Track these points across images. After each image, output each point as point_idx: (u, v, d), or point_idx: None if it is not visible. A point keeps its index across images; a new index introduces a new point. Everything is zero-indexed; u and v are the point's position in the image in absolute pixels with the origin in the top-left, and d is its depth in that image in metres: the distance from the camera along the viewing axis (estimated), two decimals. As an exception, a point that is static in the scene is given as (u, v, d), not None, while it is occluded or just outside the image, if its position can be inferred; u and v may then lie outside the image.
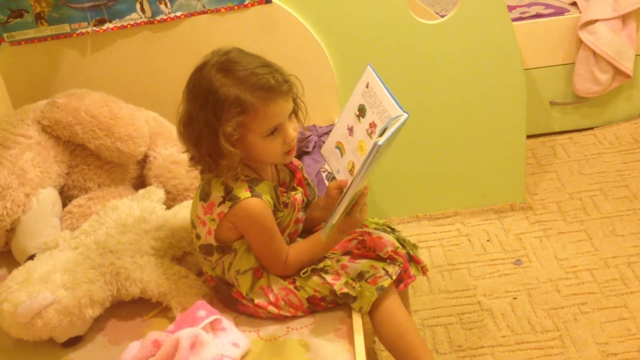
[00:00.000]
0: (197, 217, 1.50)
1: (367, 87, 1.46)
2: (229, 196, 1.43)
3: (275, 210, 1.47)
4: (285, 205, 1.50)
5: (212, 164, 1.42)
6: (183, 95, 1.43)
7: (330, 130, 2.18)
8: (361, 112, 1.46)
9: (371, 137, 1.41)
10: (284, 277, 1.51)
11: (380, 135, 1.34)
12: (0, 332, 1.49)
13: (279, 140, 1.43)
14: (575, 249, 2.34)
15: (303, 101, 1.48)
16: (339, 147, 1.53)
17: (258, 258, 1.50)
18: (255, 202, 1.42)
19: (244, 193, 1.42)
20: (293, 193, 1.53)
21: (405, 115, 1.34)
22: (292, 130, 1.44)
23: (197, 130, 1.40)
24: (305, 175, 1.62)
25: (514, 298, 2.16)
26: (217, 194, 1.44)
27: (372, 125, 1.42)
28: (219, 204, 1.44)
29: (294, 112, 1.46)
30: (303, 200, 1.57)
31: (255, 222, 1.44)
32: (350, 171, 1.47)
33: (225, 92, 1.36)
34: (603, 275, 2.20)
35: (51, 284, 1.46)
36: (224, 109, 1.35)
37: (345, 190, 1.40)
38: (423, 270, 1.63)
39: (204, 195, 1.47)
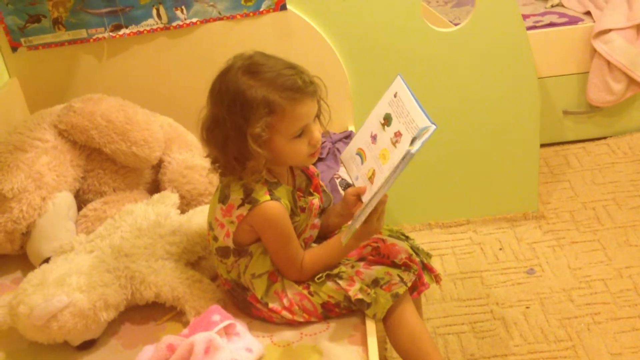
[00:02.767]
0: (215, 219, 1.50)
1: (395, 96, 1.47)
2: (249, 199, 1.43)
3: (292, 214, 1.48)
4: (303, 209, 1.51)
5: (238, 167, 1.41)
6: (207, 100, 1.43)
7: (344, 137, 2.20)
8: (387, 120, 1.47)
9: (395, 146, 1.41)
10: (299, 282, 1.51)
11: (411, 144, 1.35)
12: (16, 334, 1.50)
13: (304, 141, 1.43)
14: (589, 259, 2.33)
15: (326, 103, 1.49)
16: (360, 153, 1.53)
17: (274, 262, 1.51)
18: (274, 205, 1.43)
19: (263, 196, 1.42)
20: (310, 198, 1.53)
21: (434, 126, 1.35)
22: (317, 132, 1.45)
23: (224, 134, 1.39)
24: (320, 182, 1.62)
25: (527, 307, 2.15)
26: (236, 196, 1.44)
27: (398, 134, 1.42)
28: (238, 207, 1.44)
29: (317, 115, 1.47)
30: (320, 206, 1.58)
31: (273, 225, 1.44)
32: (370, 178, 1.46)
33: (253, 94, 1.36)
34: (616, 285, 2.19)
35: (67, 287, 1.46)
36: (252, 110, 1.36)
37: (370, 196, 1.40)
38: (437, 279, 1.63)
39: (223, 198, 1.47)
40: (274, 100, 1.36)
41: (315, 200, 1.54)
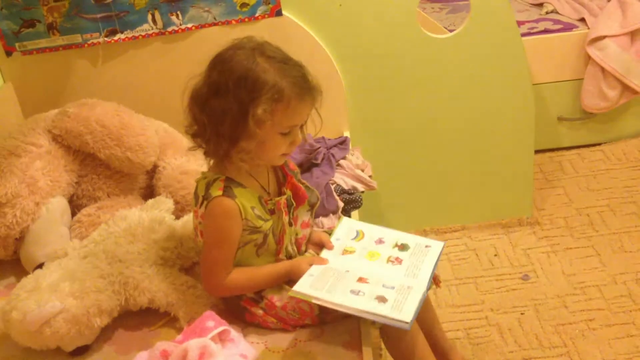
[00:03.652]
0: (194, 222, 1.51)
1: (426, 247, 1.57)
2: (206, 195, 1.42)
3: (259, 218, 1.45)
4: (272, 212, 1.49)
5: (224, 144, 1.39)
6: (209, 68, 1.40)
7: (339, 143, 2.20)
8: (403, 247, 1.57)
9: (387, 263, 1.52)
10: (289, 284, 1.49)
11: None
12: (9, 340, 1.49)
13: (287, 141, 1.42)
14: (583, 265, 2.33)
15: (319, 114, 1.48)
16: (359, 232, 1.61)
17: (201, 262, 1.49)
18: (223, 201, 1.40)
19: (216, 191, 1.41)
20: (277, 199, 1.50)
21: (423, 291, 1.43)
22: (300, 137, 1.45)
23: (224, 106, 1.36)
24: (302, 180, 1.59)
25: (522, 313, 2.15)
26: (200, 194, 1.45)
27: (398, 260, 1.53)
28: (200, 205, 1.44)
29: (305, 121, 1.46)
30: (291, 205, 1.53)
31: (213, 220, 1.42)
32: (344, 252, 1.55)
33: (266, 76, 1.35)
34: (611, 292, 2.20)
35: (60, 292, 1.46)
36: (262, 91, 1.34)
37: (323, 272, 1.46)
38: (436, 281, 1.63)
39: (194, 200, 1.48)
40: (284, 89, 1.36)
41: (283, 200, 1.50)
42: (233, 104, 1.36)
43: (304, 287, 1.41)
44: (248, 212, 1.43)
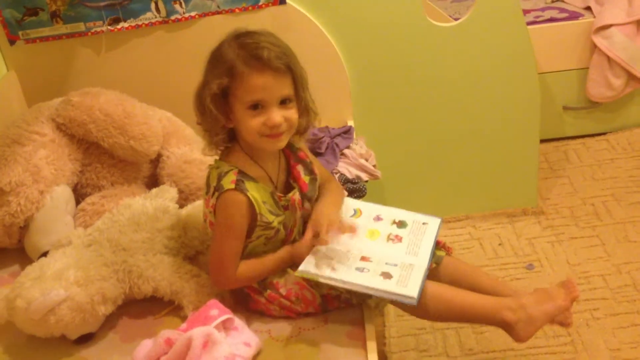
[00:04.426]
0: (204, 211, 1.51)
1: (423, 224, 1.60)
2: (218, 186, 1.42)
3: (271, 214, 1.45)
4: (286, 207, 1.49)
5: (216, 130, 1.44)
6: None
7: (343, 132, 2.19)
8: (401, 224, 1.58)
9: (387, 242, 1.54)
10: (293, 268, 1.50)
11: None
12: (13, 328, 1.49)
13: (259, 119, 1.39)
14: (588, 255, 2.33)
15: (312, 99, 1.47)
16: (357, 210, 1.63)
17: (210, 255, 1.49)
18: (234, 195, 1.40)
19: (229, 184, 1.41)
20: (291, 194, 1.50)
21: (425, 268, 1.46)
22: (279, 116, 1.39)
23: (203, 92, 1.41)
24: (314, 171, 1.58)
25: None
26: (212, 184, 1.45)
27: (398, 238, 1.54)
28: (212, 196, 1.44)
29: (290, 100, 1.42)
30: (302, 201, 1.53)
31: (223, 212, 1.42)
32: (347, 228, 1.52)
33: (224, 53, 1.38)
34: (615, 281, 2.19)
35: (64, 280, 1.46)
36: (217, 67, 1.38)
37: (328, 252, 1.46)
38: (446, 248, 1.63)
39: (206, 188, 1.48)
40: (237, 64, 1.36)
41: (296, 196, 1.51)
42: (206, 87, 1.40)
43: (309, 267, 1.42)
44: (261, 207, 1.43)
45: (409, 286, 1.39)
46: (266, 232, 1.46)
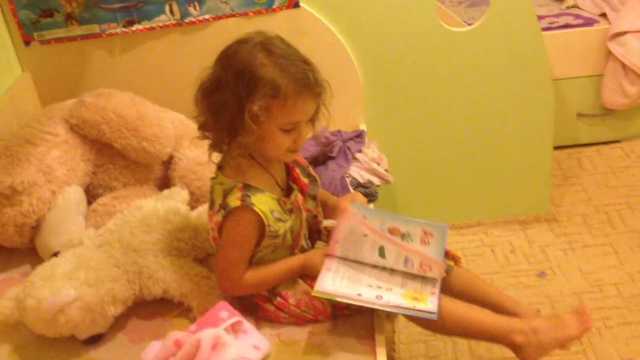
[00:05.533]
0: (208, 225, 1.51)
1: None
2: (224, 204, 1.41)
3: (279, 220, 1.44)
4: (291, 211, 1.49)
5: (226, 138, 1.41)
6: (215, 62, 1.41)
7: (355, 136, 2.19)
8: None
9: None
10: (306, 281, 1.50)
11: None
12: (23, 328, 1.49)
13: (291, 137, 1.41)
14: (601, 263, 2.31)
15: (327, 109, 1.46)
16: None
17: (217, 262, 1.49)
18: (242, 212, 1.40)
19: (235, 201, 1.40)
20: (293, 196, 1.50)
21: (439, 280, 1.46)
22: (306, 133, 1.44)
23: (223, 100, 1.37)
24: (312, 173, 1.59)
25: (537, 310, 2.13)
26: (217, 201, 1.44)
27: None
28: (217, 212, 1.43)
29: (313, 118, 1.45)
30: (304, 200, 1.54)
31: (232, 225, 1.42)
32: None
33: (263, 72, 1.34)
34: (628, 290, 2.17)
35: (75, 281, 1.46)
36: (258, 87, 1.34)
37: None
38: (455, 259, 1.62)
39: (210, 202, 1.48)
40: (281, 86, 1.34)
41: (299, 197, 1.51)
42: (231, 98, 1.36)
43: (326, 284, 1.41)
44: (269, 218, 1.42)
45: (428, 301, 1.39)
46: (274, 241, 1.46)
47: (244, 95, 1.35)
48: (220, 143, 1.44)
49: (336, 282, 1.42)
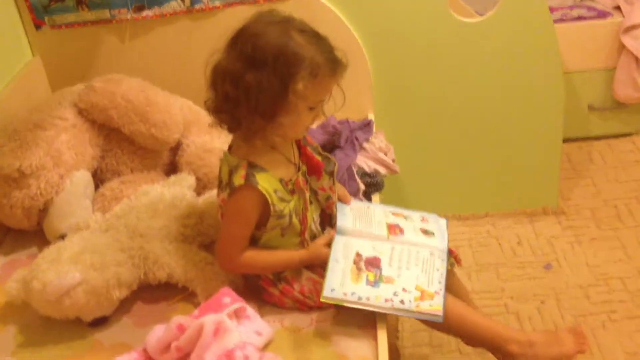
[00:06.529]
0: (217, 202, 1.52)
1: (427, 234, 1.63)
2: (229, 181, 1.42)
3: (282, 200, 1.44)
4: (293, 192, 1.48)
5: (260, 121, 1.37)
6: (234, 43, 1.38)
7: (363, 125, 2.18)
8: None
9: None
10: (311, 268, 1.50)
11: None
12: (29, 309, 1.51)
13: (312, 116, 1.42)
14: (607, 256, 2.30)
15: (342, 90, 1.46)
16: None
17: (218, 236, 1.50)
18: (246, 191, 1.40)
19: (239, 180, 1.40)
20: (295, 177, 1.49)
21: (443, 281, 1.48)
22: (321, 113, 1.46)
23: (262, 81, 1.33)
24: (322, 152, 1.58)
25: (542, 302, 2.13)
26: (223, 180, 1.45)
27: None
28: (223, 190, 1.45)
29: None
30: (306, 181, 1.54)
31: (234, 202, 1.42)
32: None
33: (303, 52, 1.34)
34: (635, 284, 2.16)
35: (80, 264, 1.47)
36: (301, 67, 1.33)
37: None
38: (457, 259, 1.62)
39: (218, 182, 1.49)
40: (320, 65, 1.35)
41: (300, 178, 1.50)
42: (273, 79, 1.33)
43: (334, 285, 1.42)
44: (272, 197, 1.42)
45: (434, 303, 1.40)
46: (280, 222, 1.46)
47: (287, 76, 1.33)
48: (251, 126, 1.39)
49: (345, 282, 1.43)
